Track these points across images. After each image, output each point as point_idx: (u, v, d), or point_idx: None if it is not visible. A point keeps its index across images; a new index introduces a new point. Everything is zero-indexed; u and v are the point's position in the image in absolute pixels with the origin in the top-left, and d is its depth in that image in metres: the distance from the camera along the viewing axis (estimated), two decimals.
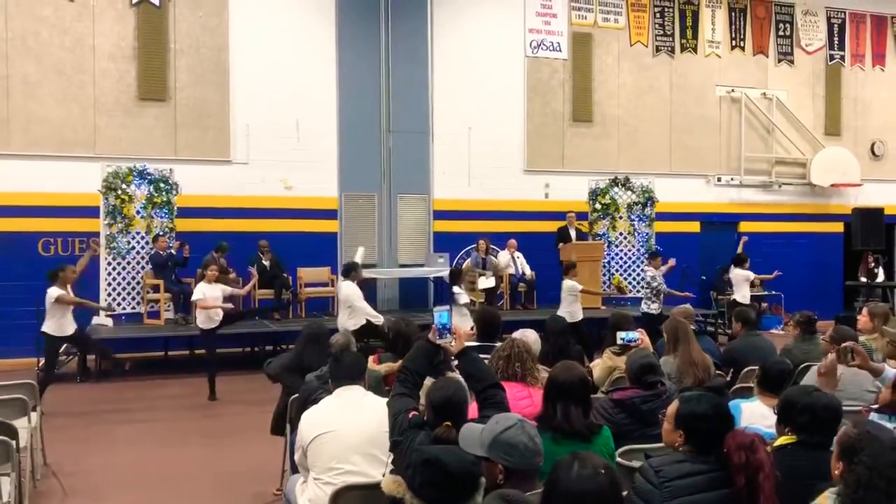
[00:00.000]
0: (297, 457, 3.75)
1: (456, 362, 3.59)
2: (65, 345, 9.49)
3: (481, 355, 3.77)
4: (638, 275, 14.15)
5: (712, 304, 14.72)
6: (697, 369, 4.94)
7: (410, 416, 3.06)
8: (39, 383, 8.53)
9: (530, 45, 14.71)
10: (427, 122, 13.94)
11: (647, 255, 12.68)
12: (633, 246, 14.32)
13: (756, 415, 3.89)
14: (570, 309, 9.88)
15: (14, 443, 4.47)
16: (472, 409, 3.35)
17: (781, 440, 3.07)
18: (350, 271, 9.50)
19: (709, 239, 15.72)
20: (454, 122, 13.97)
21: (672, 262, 11.50)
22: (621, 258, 14.27)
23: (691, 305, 8.08)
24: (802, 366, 5.77)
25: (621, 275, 14.17)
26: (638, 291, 14.16)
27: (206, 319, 9.14)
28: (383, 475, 2.94)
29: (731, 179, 16.03)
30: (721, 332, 13.20)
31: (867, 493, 1.98)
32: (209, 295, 9.08)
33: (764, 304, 15.08)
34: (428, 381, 3.46)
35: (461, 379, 3.49)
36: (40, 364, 10.21)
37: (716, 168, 15.96)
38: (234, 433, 7.60)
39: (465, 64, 14.11)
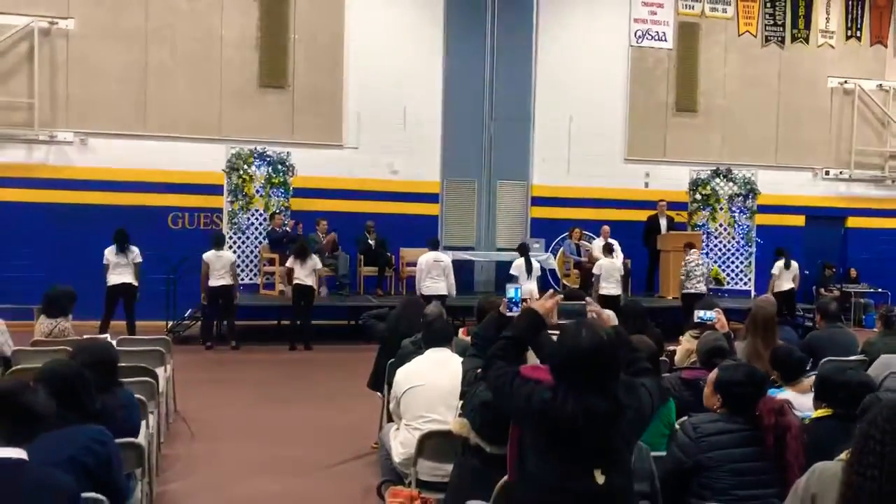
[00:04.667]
0: (391, 406, 4.33)
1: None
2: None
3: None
4: (737, 266, 14.19)
5: (814, 299, 14.48)
6: (762, 362, 5.11)
7: (478, 371, 3.54)
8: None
9: (635, 34, 14.83)
10: (529, 110, 14.33)
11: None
12: (733, 238, 14.27)
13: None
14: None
15: (156, 384, 5.26)
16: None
17: (818, 413, 3.39)
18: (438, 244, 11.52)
19: (813, 233, 15.44)
20: (555, 110, 14.29)
21: None
22: (720, 249, 14.25)
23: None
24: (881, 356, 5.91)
25: (720, 266, 14.17)
26: (736, 284, 14.21)
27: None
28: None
29: (840, 173, 15.66)
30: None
31: (865, 442, 2.35)
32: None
33: (865, 301, 14.79)
34: None
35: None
36: (169, 325, 11.38)
37: (824, 161, 15.63)
38: (336, 395, 8.28)
39: (568, 53, 14.39)
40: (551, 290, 3.34)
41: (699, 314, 5.08)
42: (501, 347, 2.86)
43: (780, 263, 12.68)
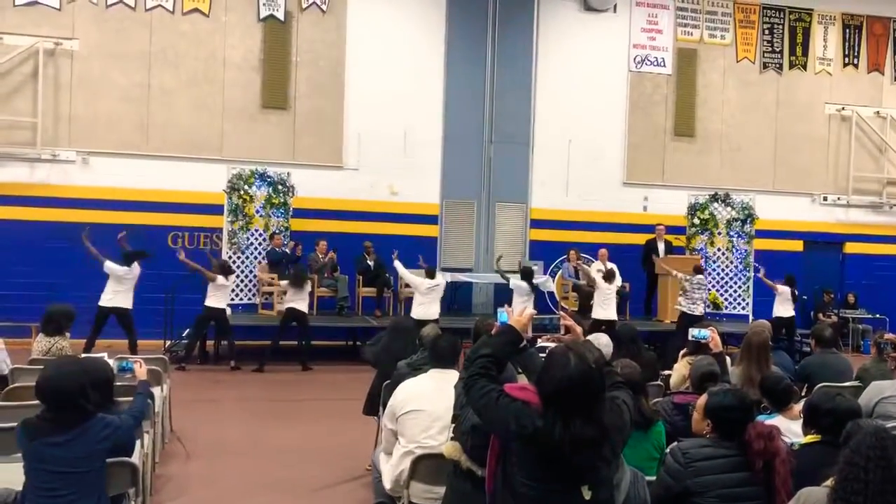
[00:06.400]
0: (386, 420, 4.33)
1: None
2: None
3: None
4: (735, 291, 14.21)
5: (812, 324, 14.50)
6: (754, 387, 5.13)
7: None
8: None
9: (634, 60, 14.96)
10: (528, 133, 14.43)
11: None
12: (731, 262, 14.31)
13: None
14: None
15: (152, 404, 5.28)
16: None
17: (807, 439, 3.42)
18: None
19: (811, 258, 15.49)
20: (555, 134, 14.40)
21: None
22: (718, 274, 14.28)
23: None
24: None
25: (717, 291, 14.19)
26: (734, 308, 14.23)
27: None
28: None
29: (838, 199, 15.74)
30: None
31: (849, 469, 2.39)
32: None
33: (864, 326, 14.82)
34: None
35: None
36: (166, 345, 11.39)
37: (822, 187, 15.71)
38: (332, 416, 8.29)
39: (568, 77, 14.52)
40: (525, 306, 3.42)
41: (693, 332, 5.14)
42: (483, 366, 2.87)
43: (786, 290, 12.64)
